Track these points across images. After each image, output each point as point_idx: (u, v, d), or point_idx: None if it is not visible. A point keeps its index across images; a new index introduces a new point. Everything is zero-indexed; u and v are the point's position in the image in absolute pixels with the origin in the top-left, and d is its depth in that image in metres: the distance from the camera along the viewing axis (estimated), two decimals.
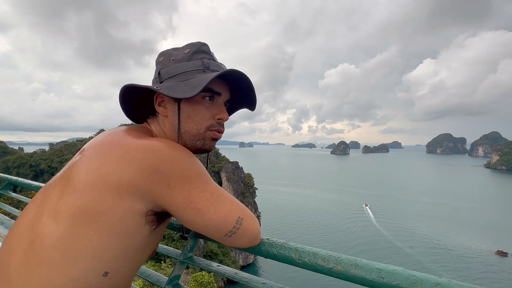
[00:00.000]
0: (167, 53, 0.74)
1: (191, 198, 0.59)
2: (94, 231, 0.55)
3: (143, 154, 0.57)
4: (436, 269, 42.88)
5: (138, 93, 0.74)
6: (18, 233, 0.58)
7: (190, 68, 0.69)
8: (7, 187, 2.08)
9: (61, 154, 57.24)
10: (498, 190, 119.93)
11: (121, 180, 0.56)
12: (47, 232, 0.54)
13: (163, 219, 0.66)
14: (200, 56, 0.71)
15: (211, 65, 0.70)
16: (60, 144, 77.08)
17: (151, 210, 0.61)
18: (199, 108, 0.70)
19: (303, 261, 0.64)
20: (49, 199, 0.59)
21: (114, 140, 0.62)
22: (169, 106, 0.71)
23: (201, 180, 0.61)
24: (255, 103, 0.80)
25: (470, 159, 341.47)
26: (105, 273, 0.58)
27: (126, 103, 0.75)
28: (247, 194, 52.60)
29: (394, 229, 61.14)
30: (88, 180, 0.57)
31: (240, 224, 0.64)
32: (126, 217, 0.57)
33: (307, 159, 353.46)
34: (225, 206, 0.63)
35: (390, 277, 0.53)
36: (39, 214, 0.58)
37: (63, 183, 0.60)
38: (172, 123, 0.71)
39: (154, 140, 0.61)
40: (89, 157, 0.61)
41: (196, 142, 0.71)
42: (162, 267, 16.03)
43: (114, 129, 0.70)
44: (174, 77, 0.69)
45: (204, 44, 0.73)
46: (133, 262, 0.65)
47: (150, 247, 0.69)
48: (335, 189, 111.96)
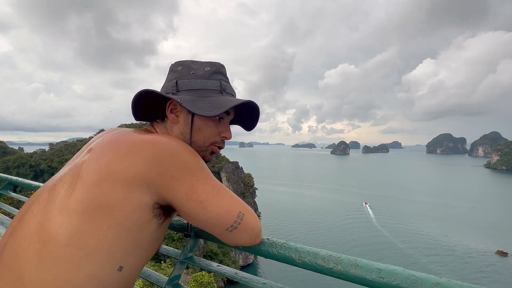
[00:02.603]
0: (187, 64, 0.76)
1: (193, 190, 0.61)
2: (108, 225, 0.56)
3: (147, 146, 0.61)
4: (436, 269, 42.85)
5: (151, 96, 0.75)
6: (27, 234, 0.57)
7: (209, 87, 0.73)
8: (7, 187, 2.09)
9: (61, 154, 57.25)
10: (498, 190, 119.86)
11: (129, 173, 0.58)
12: (61, 231, 0.55)
13: (168, 213, 0.69)
14: (219, 77, 0.76)
15: (227, 88, 0.76)
16: (60, 144, 77.15)
17: (157, 203, 0.63)
18: (210, 125, 0.75)
19: (303, 261, 0.64)
20: (58, 199, 0.60)
21: (120, 138, 0.65)
22: (182, 116, 0.75)
23: (203, 173, 0.64)
24: (254, 126, 0.86)
25: (470, 159, 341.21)
26: (120, 268, 0.59)
27: (137, 104, 0.77)
28: (247, 194, 52.59)
29: (394, 229, 61.14)
30: (98, 176, 0.59)
31: (241, 219, 0.65)
32: (135, 211, 0.59)
33: (307, 159, 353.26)
34: (227, 199, 0.65)
35: (390, 277, 0.53)
36: (49, 214, 0.58)
37: (72, 181, 0.61)
38: (182, 132, 0.75)
39: (159, 135, 0.66)
40: (98, 155, 0.64)
41: (200, 152, 0.75)
42: (162, 267, 16.02)
43: (119, 129, 0.74)
44: (192, 91, 0.72)
45: (223, 66, 0.78)
46: (143, 257, 0.67)
47: (157, 242, 0.72)
48: (335, 189, 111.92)
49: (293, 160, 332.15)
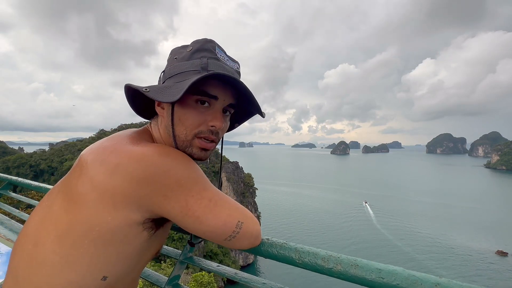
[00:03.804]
0: (175, 50, 0.69)
1: (188, 207, 0.58)
2: (89, 240, 0.55)
3: (135, 165, 0.55)
4: (436, 269, 42.88)
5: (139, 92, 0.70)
6: (26, 235, 0.60)
7: (187, 68, 0.64)
8: (7, 187, 2.08)
9: (61, 154, 57.19)
10: (498, 190, 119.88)
11: (116, 191, 0.55)
12: (48, 237, 0.56)
13: (162, 223, 0.66)
14: (201, 54, 0.64)
15: (210, 65, 0.63)
16: (60, 144, 77.08)
17: (148, 219, 0.60)
18: (190, 112, 0.65)
19: (303, 261, 0.64)
20: (53, 204, 0.61)
21: (109, 147, 0.60)
22: (166, 108, 0.68)
23: (198, 187, 0.59)
24: (259, 107, 0.70)
25: (470, 159, 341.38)
26: (103, 278, 0.58)
27: (134, 101, 0.74)
28: (247, 194, 52.60)
29: (393, 228, 61.20)
30: (82, 191, 0.57)
31: (240, 228, 0.63)
32: (121, 227, 0.57)
33: (307, 159, 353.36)
34: (224, 211, 0.61)
35: (390, 277, 0.53)
36: (43, 218, 0.60)
37: (63, 190, 0.61)
38: (166, 125, 0.68)
39: (149, 147, 0.59)
40: (84, 166, 0.60)
41: (185, 148, 0.67)
42: (162, 267, 16.00)
43: (116, 135, 0.68)
44: (172, 77, 0.65)
45: (209, 41, 0.66)
46: (132, 266, 0.64)
47: (152, 249, 0.69)
48: (335, 189, 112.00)
49: (293, 160, 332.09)
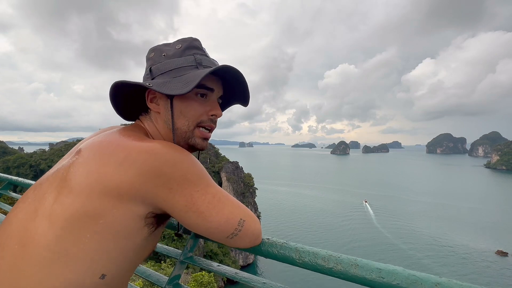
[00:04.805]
0: (158, 48, 0.72)
1: (193, 201, 0.59)
2: (91, 234, 0.54)
3: (145, 157, 0.56)
4: (436, 269, 42.89)
5: (128, 90, 0.72)
6: (9, 234, 0.56)
7: (182, 64, 0.67)
8: (7, 187, 2.08)
9: (61, 154, 57.20)
10: (498, 190, 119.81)
11: (122, 183, 0.55)
12: (42, 234, 0.53)
13: (162, 221, 0.67)
14: (192, 51, 0.70)
15: (203, 61, 0.69)
16: (60, 144, 77.20)
17: (151, 212, 0.61)
18: (192, 104, 0.69)
19: (303, 261, 0.64)
20: (43, 199, 0.57)
21: (113, 142, 0.61)
22: (162, 103, 0.70)
23: (203, 182, 0.61)
24: (248, 98, 0.78)
25: (470, 159, 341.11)
26: (102, 276, 0.57)
27: (116, 100, 0.73)
28: (247, 194, 52.60)
29: (393, 228, 61.20)
30: (87, 183, 0.55)
31: (242, 226, 0.64)
32: (125, 220, 0.57)
33: (307, 159, 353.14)
34: (227, 208, 0.63)
35: (390, 277, 0.53)
36: (32, 214, 0.56)
37: (59, 184, 0.58)
38: (165, 120, 0.70)
39: (155, 142, 0.60)
40: (87, 158, 0.59)
41: (187, 140, 0.71)
42: (162, 267, 16.00)
43: (110, 128, 0.70)
44: (166, 73, 0.68)
45: (195, 39, 0.72)
46: (130, 264, 0.65)
47: (148, 248, 0.69)
48: (335, 189, 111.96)
49: (293, 160, 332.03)
